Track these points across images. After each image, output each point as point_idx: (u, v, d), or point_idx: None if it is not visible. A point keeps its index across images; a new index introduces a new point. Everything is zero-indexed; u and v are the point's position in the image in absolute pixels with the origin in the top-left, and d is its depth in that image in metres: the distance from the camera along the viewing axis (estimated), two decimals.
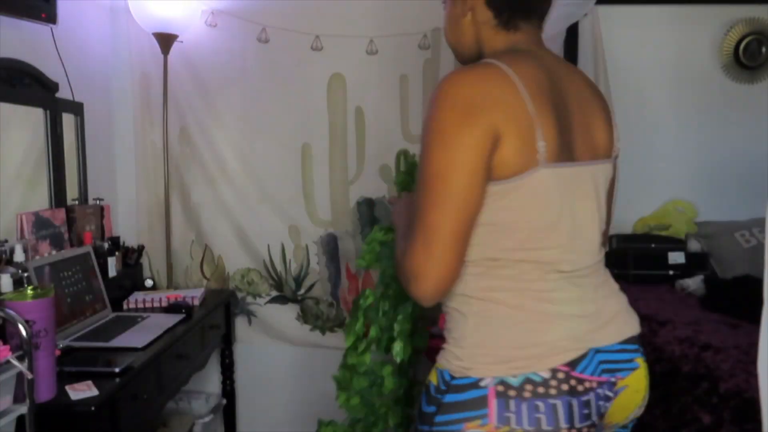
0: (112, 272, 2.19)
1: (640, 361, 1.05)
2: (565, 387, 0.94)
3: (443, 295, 0.99)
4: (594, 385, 0.97)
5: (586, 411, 0.95)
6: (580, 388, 0.95)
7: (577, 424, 0.94)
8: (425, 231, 0.93)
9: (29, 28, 1.92)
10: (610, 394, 0.99)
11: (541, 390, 0.94)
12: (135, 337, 1.81)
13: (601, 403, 0.98)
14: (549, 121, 0.95)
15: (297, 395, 2.66)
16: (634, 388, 1.03)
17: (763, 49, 2.44)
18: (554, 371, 0.95)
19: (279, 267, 2.53)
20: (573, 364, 0.96)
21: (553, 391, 0.94)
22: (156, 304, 2.19)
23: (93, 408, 1.40)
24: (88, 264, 2.00)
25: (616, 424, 1.07)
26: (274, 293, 2.56)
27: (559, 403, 0.94)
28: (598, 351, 0.99)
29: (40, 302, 1.37)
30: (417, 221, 0.95)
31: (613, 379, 1.00)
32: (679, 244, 2.38)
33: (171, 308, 2.13)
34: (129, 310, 2.16)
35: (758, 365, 0.78)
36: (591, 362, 0.98)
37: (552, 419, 0.93)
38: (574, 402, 0.94)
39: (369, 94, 2.42)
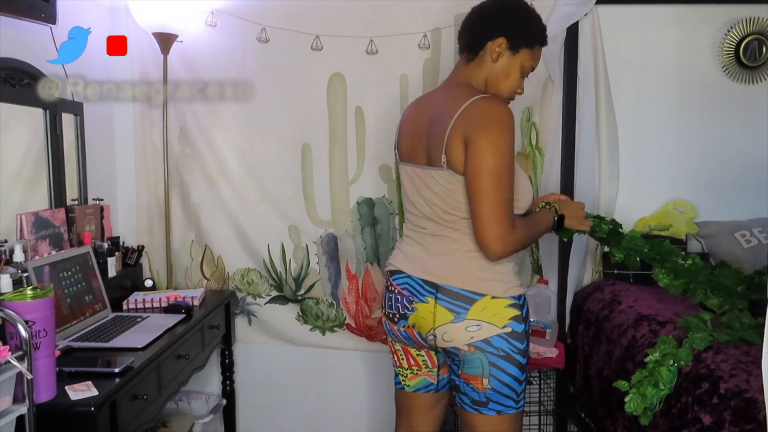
0: (111, 272, 2.20)
1: (429, 299, 1.52)
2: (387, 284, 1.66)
3: None
4: (396, 290, 1.60)
5: (389, 303, 1.63)
6: (391, 288, 1.63)
7: (386, 309, 1.65)
8: None
9: (29, 28, 1.92)
10: (407, 305, 1.57)
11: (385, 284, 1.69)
12: (135, 338, 1.81)
13: (399, 305, 1.59)
14: (402, 138, 1.66)
15: (297, 395, 2.66)
16: (421, 315, 1.54)
17: (764, 49, 2.44)
18: (386, 274, 1.68)
19: (279, 267, 2.53)
20: (391, 273, 1.64)
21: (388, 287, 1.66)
22: (156, 305, 2.19)
23: (93, 408, 1.40)
24: (87, 264, 2.00)
25: (423, 337, 1.57)
26: (274, 293, 2.56)
27: (385, 294, 1.67)
28: (408, 276, 1.58)
29: (40, 302, 1.37)
30: None
31: (411, 298, 1.56)
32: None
33: (171, 308, 2.13)
34: (129, 310, 2.16)
35: (763, 364, 0.78)
36: (401, 278, 1.59)
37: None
38: (387, 295, 1.65)
39: (369, 94, 2.42)
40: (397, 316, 1.61)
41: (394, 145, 1.72)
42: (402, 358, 1.71)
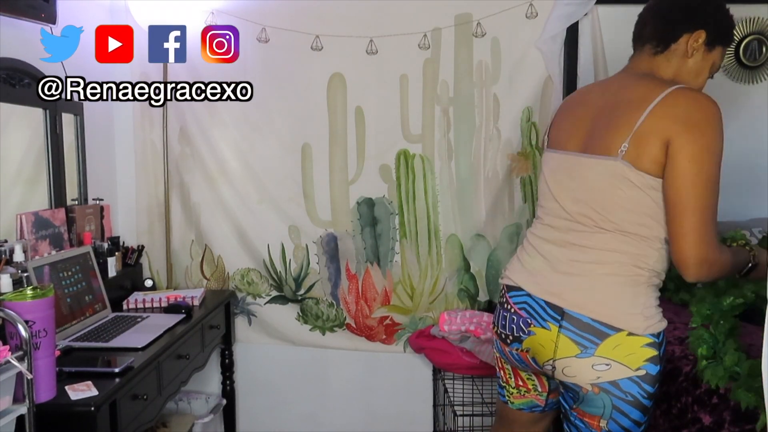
0: (111, 272, 2.20)
1: (552, 326, 1.33)
2: (501, 300, 1.49)
3: None
4: (512, 309, 1.42)
5: (502, 322, 1.45)
6: (506, 306, 1.45)
7: (498, 328, 1.47)
8: None
9: (29, 28, 1.92)
10: (524, 327, 1.38)
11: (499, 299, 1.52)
12: (135, 337, 1.81)
13: (514, 326, 1.41)
14: (556, 124, 1.49)
15: (297, 395, 2.66)
16: (539, 341, 1.35)
17: (764, 49, 2.44)
18: (502, 288, 1.50)
19: (279, 267, 2.53)
20: (508, 288, 1.46)
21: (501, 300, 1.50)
22: (156, 305, 2.20)
23: (93, 408, 1.40)
24: (87, 264, 2.00)
25: (539, 364, 1.39)
26: (274, 293, 2.56)
27: (498, 310, 1.49)
28: (528, 295, 1.39)
29: (40, 302, 1.37)
30: None
31: (529, 320, 1.37)
32: None
33: (171, 308, 2.13)
34: (129, 310, 2.16)
35: (762, 365, 0.78)
36: (520, 297, 1.41)
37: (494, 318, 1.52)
38: (501, 313, 1.46)
39: (369, 94, 2.42)
40: (510, 338, 1.43)
41: (544, 134, 1.57)
42: (510, 377, 1.55)
